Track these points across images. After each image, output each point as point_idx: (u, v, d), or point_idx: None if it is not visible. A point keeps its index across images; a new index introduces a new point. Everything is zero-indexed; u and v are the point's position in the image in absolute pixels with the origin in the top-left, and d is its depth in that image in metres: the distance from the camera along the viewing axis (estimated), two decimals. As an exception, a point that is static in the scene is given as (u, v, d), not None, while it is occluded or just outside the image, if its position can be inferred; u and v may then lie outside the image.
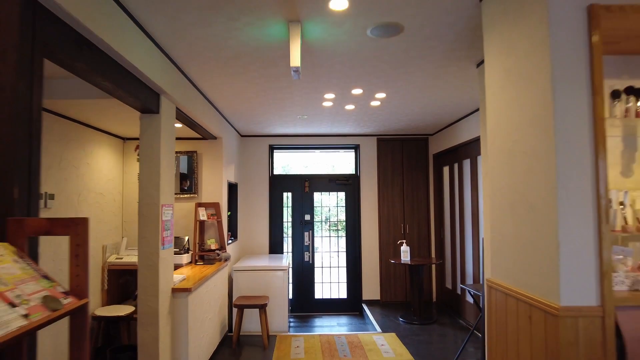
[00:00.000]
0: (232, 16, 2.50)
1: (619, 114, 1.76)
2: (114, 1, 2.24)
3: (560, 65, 1.63)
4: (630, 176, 1.84)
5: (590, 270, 1.58)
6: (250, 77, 3.60)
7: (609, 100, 1.82)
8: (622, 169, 1.85)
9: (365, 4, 2.35)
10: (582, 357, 1.57)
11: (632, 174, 1.85)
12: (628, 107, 1.77)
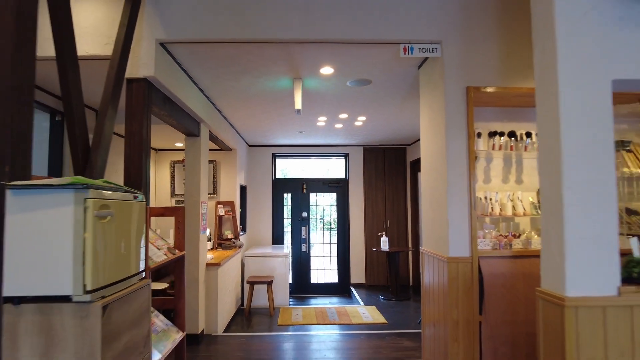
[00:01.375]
0: (255, 76, 3.73)
1: (485, 147, 3.01)
2: (183, 70, 3.47)
3: (450, 119, 2.86)
4: (488, 182, 3.09)
5: (465, 237, 2.82)
6: (263, 108, 4.83)
7: (486, 137, 3.06)
8: (484, 178, 3.09)
9: (344, 69, 3.59)
10: (461, 284, 2.80)
11: (490, 180, 3.09)
12: (493, 142, 3.01)
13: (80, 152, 2.17)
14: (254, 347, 4.16)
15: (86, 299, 1.49)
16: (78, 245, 1.48)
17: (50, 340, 1.49)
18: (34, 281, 1.48)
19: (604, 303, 1.59)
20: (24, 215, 1.48)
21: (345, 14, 2.88)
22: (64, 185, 1.49)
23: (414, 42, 2.90)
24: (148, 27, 2.85)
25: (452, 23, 2.91)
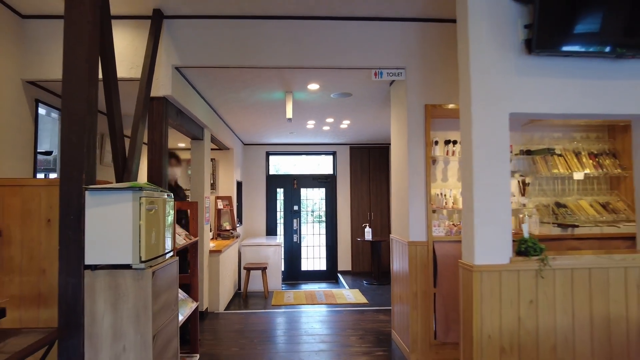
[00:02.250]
0: (252, 90, 4.38)
1: (442, 153, 3.70)
2: (192, 87, 4.11)
3: (411, 131, 3.54)
4: (446, 181, 3.78)
5: (422, 225, 3.51)
6: (258, 114, 5.48)
7: (443, 144, 3.75)
8: (442, 177, 3.78)
9: (328, 85, 4.25)
10: (419, 263, 3.50)
11: (447, 180, 3.79)
12: (447, 149, 3.70)
13: (120, 160, 2.82)
14: (251, 321, 4.84)
15: (141, 266, 2.15)
16: (135, 230, 2.13)
17: (117, 295, 2.16)
18: (106, 254, 2.13)
19: (500, 269, 2.28)
20: (97, 208, 2.13)
21: (328, 46, 3.54)
22: (125, 188, 2.14)
23: (383, 67, 3.57)
24: (166, 55, 3.48)
25: (414, 53, 3.58)
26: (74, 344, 2.13)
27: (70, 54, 2.24)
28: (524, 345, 2.29)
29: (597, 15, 2.26)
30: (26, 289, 2.31)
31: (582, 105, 2.39)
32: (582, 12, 2.27)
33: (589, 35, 2.28)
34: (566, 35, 2.28)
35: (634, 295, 2.36)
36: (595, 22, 2.27)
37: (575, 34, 2.28)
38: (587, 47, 2.30)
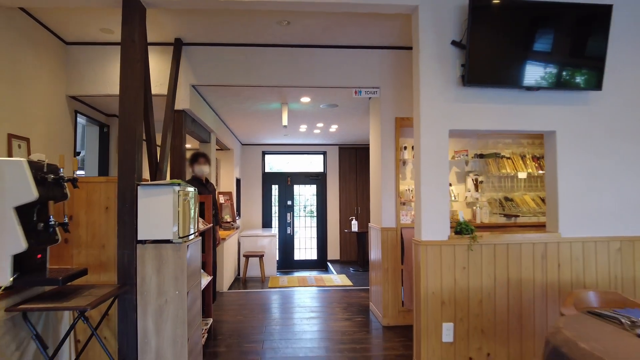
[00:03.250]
0: (254, 101, 5.18)
1: (410, 157, 4.53)
2: (204, 100, 4.90)
3: (384, 138, 4.37)
4: (413, 179, 4.61)
5: (392, 214, 4.34)
6: (258, 120, 6.28)
7: (411, 149, 4.57)
8: (410, 176, 4.61)
9: (318, 98, 5.06)
10: (389, 245, 4.33)
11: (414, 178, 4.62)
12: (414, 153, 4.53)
13: (154, 162, 3.60)
14: (251, 298, 5.66)
15: (179, 241, 2.96)
16: (175, 214, 2.93)
17: (161, 262, 2.96)
18: (152, 232, 2.93)
19: (440, 244, 3.11)
20: (147, 199, 2.93)
21: (317, 69, 4.35)
22: (167, 184, 2.94)
23: (361, 87, 4.39)
24: (185, 76, 4.27)
25: (387, 75, 4.41)
26: (129, 297, 2.93)
27: (125, 84, 3.03)
28: (458, 299, 3.13)
29: (509, 61, 3.10)
30: (91, 259, 3.10)
31: (503, 124, 3.23)
32: (498, 58, 3.10)
33: (505, 73, 3.11)
34: (489, 74, 3.10)
35: (538, 263, 3.21)
36: (508, 65, 3.10)
37: (495, 73, 3.11)
38: (504, 82, 3.13)
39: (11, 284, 2.25)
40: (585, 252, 3.28)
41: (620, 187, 3.32)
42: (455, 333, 3.13)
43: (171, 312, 2.96)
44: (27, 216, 2.38)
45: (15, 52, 3.43)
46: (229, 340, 3.99)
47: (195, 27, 3.91)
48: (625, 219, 3.32)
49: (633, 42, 3.35)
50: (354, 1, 3.11)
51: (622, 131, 3.33)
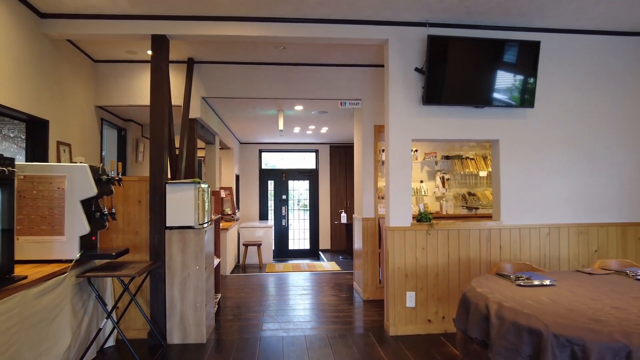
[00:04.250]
0: (254, 108, 5.96)
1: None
2: (211, 108, 5.68)
3: (365, 142, 5.18)
4: None
5: (371, 207, 5.16)
6: (257, 123, 7.06)
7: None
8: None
9: (309, 106, 5.86)
10: (369, 232, 5.16)
11: None
12: (391, 155, 5.35)
13: (173, 163, 4.38)
14: (251, 280, 6.47)
15: (199, 227, 3.75)
16: (195, 206, 3.73)
17: (184, 244, 3.75)
18: (177, 220, 3.72)
19: (404, 229, 3.93)
20: (173, 194, 3.72)
21: (308, 84, 5.13)
22: (189, 182, 3.73)
23: (346, 99, 5.19)
24: (196, 89, 5.04)
25: (367, 89, 5.21)
26: (159, 271, 3.73)
27: (154, 102, 3.80)
28: (419, 273, 3.96)
29: (461, 84, 3.91)
30: (127, 242, 3.88)
31: (456, 134, 4.05)
32: (452, 82, 3.90)
33: (457, 94, 3.92)
34: (444, 95, 3.90)
35: (484, 245, 4.05)
36: (460, 88, 3.91)
37: (449, 94, 3.91)
38: (456, 101, 3.94)
39: (79, 258, 3.04)
40: (521, 236, 4.12)
41: (549, 184, 4.16)
42: (417, 300, 3.96)
43: (192, 283, 3.77)
44: (88, 207, 3.17)
45: (59, 72, 4.18)
46: (235, 310, 4.80)
47: (205, 49, 4.67)
48: (553, 210, 4.17)
49: (556, 70, 4.17)
50: (338, 35, 3.91)
51: (551, 140, 4.16)
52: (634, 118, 4.29)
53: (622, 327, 1.74)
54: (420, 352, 3.51)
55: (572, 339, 1.74)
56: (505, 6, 3.64)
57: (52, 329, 2.75)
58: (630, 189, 4.27)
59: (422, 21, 3.94)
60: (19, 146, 3.92)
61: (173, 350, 3.60)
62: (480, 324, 2.18)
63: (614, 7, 3.66)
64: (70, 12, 3.73)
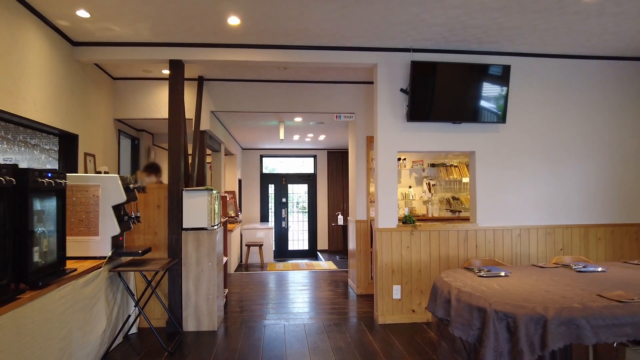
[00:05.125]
0: (257, 120, 6.51)
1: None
2: (218, 120, 6.23)
3: (358, 151, 5.72)
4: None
5: (364, 210, 5.71)
6: (259, 132, 7.61)
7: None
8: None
9: (308, 118, 6.40)
10: (362, 233, 5.70)
11: None
12: (382, 163, 5.90)
13: (187, 171, 4.92)
14: (254, 277, 7.00)
15: (211, 229, 4.30)
16: (208, 210, 4.27)
17: (198, 243, 4.29)
18: (193, 222, 4.26)
19: (391, 230, 4.47)
20: (189, 200, 4.26)
21: (306, 99, 5.68)
22: (203, 189, 4.27)
23: (341, 113, 5.74)
24: (206, 104, 5.58)
25: (360, 103, 5.76)
26: (177, 267, 4.27)
27: (172, 120, 4.34)
28: (404, 269, 4.51)
29: (440, 104, 4.45)
30: (147, 242, 4.41)
31: (438, 147, 4.60)
32: (432, 102, 4.45)
33: (438, 112, 4.46)
34: (425, 112, 4.45)
35: (462, 245, 4.59)
36: (440, 107, 4.46)
37: (430, 112, 4.46)
38: (436, 119, 4.48)
39: (111, 255, 3.58)
40: (495, 236, 4.67)
41: (520, 190, 4.71)
42: (402, 292, 4.51)
43: (205, 278, 4.31)
44: (118, 212, 3.70)
45: (86, 91, 4.72)
46: (241, 303, 5.34)
47: (213, 68, 5.21)
48: (523, 213, 4.72)
49: (526, 89, 4.73)
50: (334, 60, 4.46)
51: (520, 151, 4.72)
52: (594, 132, 4.85)
53: (544, 304, 2.28)
54: (404, 338, 4.05)
55: (507, 313, 2.28)
56: (478, 36, 4.19)
57: (92, 314, 3.28)
58: (591, 195, 4.83)
59: (407, 47, 4.49)
60: (52, 157, 4.46)
61: (189, 336, 4.13)
62: (444, 305, 2.73)
63: (574, 37, 4.22)
64: (99, 41, 4.28)
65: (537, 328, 2.20)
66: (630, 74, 4.90)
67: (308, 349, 3.74)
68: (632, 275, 3.00)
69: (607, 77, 4.87)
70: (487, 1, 3.44)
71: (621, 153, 4.88)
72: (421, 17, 3.74)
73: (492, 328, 2.30)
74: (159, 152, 7.56)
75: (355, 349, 3.73)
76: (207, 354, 3.65)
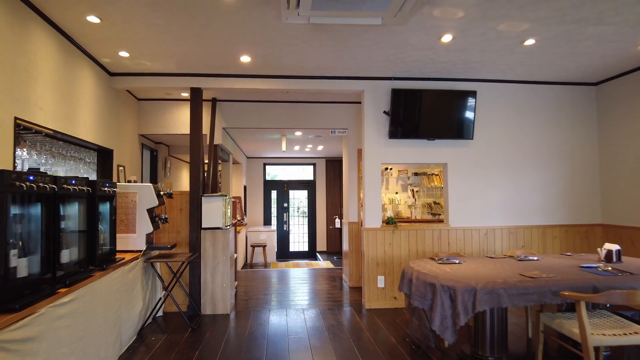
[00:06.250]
0: (262, 134, 7.38)
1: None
2: (228, 134, 7.11)
3: (350, 162, 6.58)
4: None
5: (355, 213, 6.56)
6: (263, 142, 8.48)
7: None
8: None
9: (307, 132, 7.27)
10: (354, 234, 6.55)
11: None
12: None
13: (204, 180, 5.77)
14: (258, 273, 7.84)
15: (225, 228, 5.15)
16: (223, 212, 5.13)
17: (214, 240, 5.15)
18: (210, 223, 5.12)
19: (376, 229, 5.31)
20: (207, 204, 5.12)
21: (306, 117, 6.55)
22: (218, 195, 5.13)
23: (336, 128, 6.60)
24: (218, 122, 6.46)
25: (352, 120, 6.62)
26: (196, 261, 5.11)
27: (193, 138, 5.21)
28: (387, 262, 5.34)
29: (417, 124, 5.31)
30: (171, 239, 5.26)
31: (415, 159, 5.45)
32: (410, 122, 5.30)
33: (415, 131, 5.32)
34: (404, 131, 5.30)
35: (436, 242, 5.43)
36: (416, 126, 5.31)
37: (408, 131, 5.31)
38: (414, 136, 5.33)
39: (145, 249, 4.43)
40: (465, 235, 5.51)
41: (486, 196, 5.56)
42: (385, 282, 5.34)
43: (220, 269, 5.15)
44: (150, 214, 4.55)
45: (119, 112, 5.59)
46: (249, 293, 6.18)
47: (225, 92, 6.09)
48: (490, 215, 5.56)
49: (491, 110, 5.58)
50: (328, 88, 5.33)
51: (487, 162, 5.57)
52: (549, 146, 5.70)
53: (476, 280, 3.11)
54: (385, 318, 4.88)
55: (450, 286, 3.11)
56: (448, 68, 5.05)
57: (133, 295, 4.13)
58: (548, 199, 5.67)
59: (389, 76, 5.36)
60: (91, 169, 5.32)
61: (206, 318, 4.96)
62: (408, 284, 3.57)
63: (527, 69, 5.08)
64: (132, 72, 5.15)
65: (470, 296, 3.04)
66: (578, 96, 5.77)
67: (306, 327, 4.57)
68: (557, 262, 3.84)
69: (559, 99, 5.73)
70: (449, 45, 4.30)
71: (572, 163, 5.73)
72: (398, 56, 4.61)
73: (440, 298, 3.14)
74: (174, 162, 8.42)
75: (344, 326, 4.57)
76: (223, 330, 4.49)
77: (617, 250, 3.75)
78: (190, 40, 4.14)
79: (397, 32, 3.96)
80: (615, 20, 3.72)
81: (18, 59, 3.26)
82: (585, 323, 2.76)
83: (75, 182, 2.95)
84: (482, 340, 3.53)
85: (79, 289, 2.86)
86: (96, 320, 3.20)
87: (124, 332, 3.86)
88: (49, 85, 3.76)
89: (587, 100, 5.80)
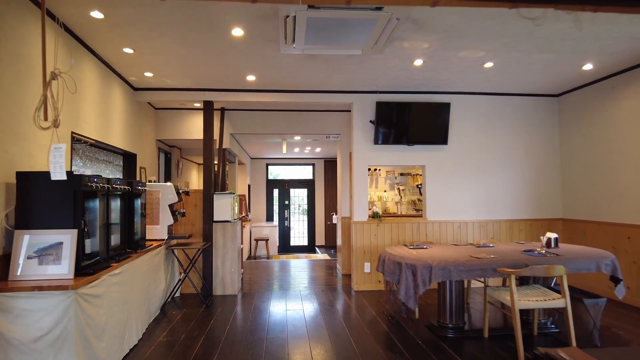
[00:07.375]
0: (264, 138, 8.24)
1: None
2: (234, 139, 7.97)
3: (343, 164, 7.43)
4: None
5: (347, 208, 7.40)
6: (266, 146, 9.34)
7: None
8: None
9: (305, 137, 8.13)
10: (346, 227, 7.40)
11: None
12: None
13: (214, 180, 6.63)
14: (262, 264, 8.70)
15: (234, 221, 6.01)
16: (232, 208, 5.99)
17: (224, 231, 6.01)
18: (221, 216, 5.98)
19: (363, 222, 6.13)
20: (218, 201, 5.98)
21: (303, 124, 7.40)
22: (228, 193, 5.99)
23: (330, 134, 7.45)
24: (226, 128, 7.31)
25: (344, 127, 7.47)
26: (209, 248, 5.97)
27: (206, 144, 6.07)
28: (372, 251, 6.18)
29: (398, 131, 6.14)
30: (187, 230, 6.12)
31: (397, 162, 6.29)
32: (392, 130, 6.13)
33: (396, 138, 6.15)
34: (387, 138, 6.14)
35: (415, 234, 6.27)
36: (398, 133, 6.14)
37: (390, 138, 6.14)
38: (396, 142, 6.17)
39: (167, 238, 5.29)
40: (440, 228, 6.35)
41: (459, 194, 6.39)
42: (371, 268, 6.19)
43: (229, 256, 6.02)
44: (171, 209, 5.42)
45: (141, 121, 6.45)
46: (254, 279, 7.05)
47: (233, 103, 6.94)
48: (462, 210, 6.39)
49: (464, 118, 6.41)
50: (322, 100, 6.18)
51: (459, 164, 6.40)
52: (516, 150, 6.53)
53: (433, 259, 3.96)
54: (371, 299, 5.73)
55: (412, 264, 3.96)
56: (425, 83, 5.89)
57: (158, 276, 5.00)
58: (514, 196, 6.50)
59: (374, 90, 6.20)
60: (117, 170, 6.19)
61: (217, 298, 5.83)
62: (382, 264, 4.42)
63: (493, 83, 5.91)
64: (153, 87, 6.01)
65: (427, 272, 3.89)
66: (543, 106, 6.59)
67: (302, 304, 5.43)
68: (507, 248, 4.68)
69: (526, 109, 6.56)
70: (421, 67, 5.14)
71: (536, 165, 6.56)
72: (379, 75, 5.46)
73: (404, 273, 3.99)
74: (186, 163, 9.30)
75: (334, 304, 5.43)
76: (232, 307, 5.35)
77: (554, 237, 4.59)
78: (206, 65, 5.00)
79: (375, 59, 4.80)
80: (552, 50, 4.55)
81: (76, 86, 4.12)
82: (514, 291, 3.61)
83: (120, 183, 3.81)
84: (443, 311, 4.37)
85: (124, 264, 3.73)
86: (134, 291, 4.06)
87: (152, 305, 4.72)
88: (92, 104, 4.63)
89: (551, 109, 6.62)
